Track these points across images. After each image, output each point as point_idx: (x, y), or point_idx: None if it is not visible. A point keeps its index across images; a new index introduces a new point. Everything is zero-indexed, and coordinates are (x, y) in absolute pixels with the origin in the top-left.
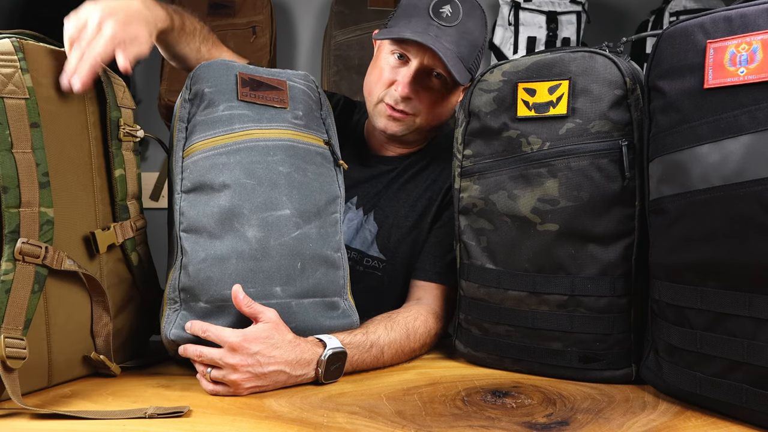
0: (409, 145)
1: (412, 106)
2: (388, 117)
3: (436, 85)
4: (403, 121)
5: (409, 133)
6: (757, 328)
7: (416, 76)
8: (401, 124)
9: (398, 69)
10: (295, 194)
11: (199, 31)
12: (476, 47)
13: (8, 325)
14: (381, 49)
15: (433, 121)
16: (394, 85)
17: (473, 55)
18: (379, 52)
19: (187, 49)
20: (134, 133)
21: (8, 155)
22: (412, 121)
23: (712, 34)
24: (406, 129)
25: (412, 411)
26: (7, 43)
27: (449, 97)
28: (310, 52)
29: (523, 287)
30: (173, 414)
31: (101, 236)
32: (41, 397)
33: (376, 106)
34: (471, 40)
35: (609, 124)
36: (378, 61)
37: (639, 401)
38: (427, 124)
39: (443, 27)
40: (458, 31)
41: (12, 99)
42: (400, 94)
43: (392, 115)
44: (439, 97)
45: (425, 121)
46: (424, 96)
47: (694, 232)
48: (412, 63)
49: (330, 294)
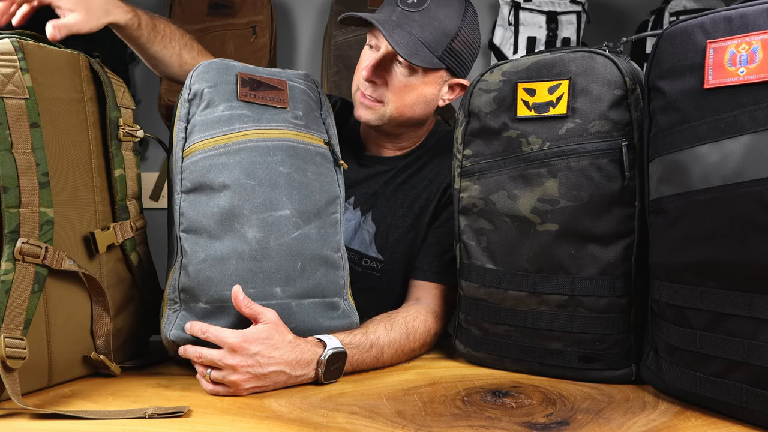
0: (397, 141)
1: (379, 92)
2: (360, 104)
3: (400, 72)
4: (373, 109)
5: (385, 124)
6: (757, 328)
7: (381, 61)
8: (372, 112)
9: (370, 58)
10: (295, 194)
11: (178, 36)
12: (446, 35)
13: (8, 325)
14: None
15: (405, 112)
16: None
17: (443, 42)
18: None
19: (164, 53)
20: (134, 133)
21: (8, 155)
22: (383, 109)
23: (712, 34)
24: (379, 118)
25: (412, 411)
26: (7, 43)
27: (419, 86)
28: (310, 52)
29: (523, 287)
30: (173, 414)
31: (101, 236)
32: (41, 398)
33: (354, 95)
34: (439, 27)
35: (609, 124)
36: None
37: (639, 401)
38: (398, 114)
39: (407, 12)
40: (424, 17)
41: (12, 99)
42: (363, 78)
43: (363, 101)
44: (408, 85)
45: (395, 111)
46: (392, 83)
47: (694, 232)
48: (381, 50)
49: (330, 294)
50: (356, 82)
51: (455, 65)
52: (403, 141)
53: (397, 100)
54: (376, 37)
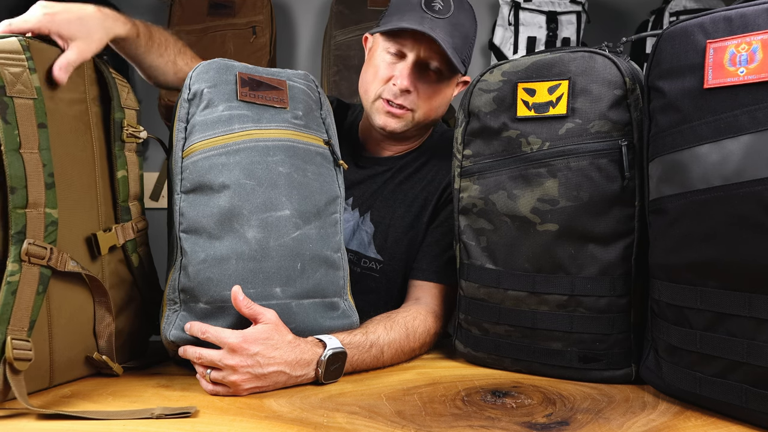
0: (405, 142)
1: (410, 100)
2: (387, 113)
3: (433, 78)
4: (402, 117)
5: (408, 130)
6: (757, 328)
7: (414, 69)
8: (400, 120)
9: (395, 65)
10: (294, 195)
11: (172, 43)
12: (468, 39)
13: (14, 326)
14: (375, 48)
15: (431, 116)
16: (392, 80)
17: (466, 46)
18: (373, 51)
19: (159, 60)
20: (137, 134)
21: (16, 155)
22: (411, 116)
23: (712, 34)
24: (405, 125)
25: (412, 411)
26: (14, 42)
27: (445, 90)
28: (310, 52)
29: (522, 287)
30: (180, 415)
31: (103, 238)
32: (42, 398)
33: (374, 104)
34: (463, 32)
35: (609, 124)
36: (372, 59)
37: (639, 401)
38: (425, 118)
39: (436, 19)
40: (450, 23)
41: (21, 99)
42: (399, 87)
43: (390, 111)
44: (437, 90)
45: (423, 116)
46: (422, 89)
47: (694, 232)
48: (409, 57)
49: (330, 294)
50: (376, 91)
51: (468, 64)
52: (411, 142)
53: (425, 106)
54: (401, 45)
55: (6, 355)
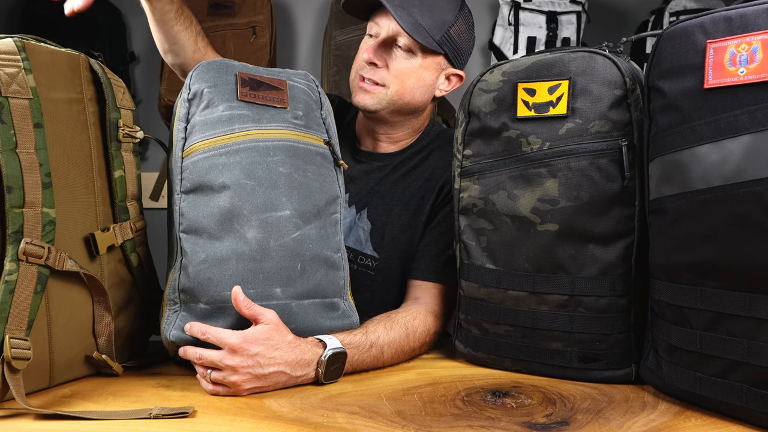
0: (395, 130)
1: (380, 75)
2: (359, 89)
3: (402, 55)
4: (373, 93)
5: (383, 109)
6: (757, 328)
7: (382, 44)
8: (372, 96)
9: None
10: (295, 195)
11: (195, 23)
12: (445, 22)
13: (12, 325)
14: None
15: (405, 96)
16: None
17: (442, 28)
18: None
19: (183, 35)
20: (134, 134)
21: (13, 155)
22: (384, 92)
23: (712, 34)
24: (378, 102)
25: (412, 411)
26: (10, 43)
27: (420, 72)
28: (310, 52)
29: (523, 287)
30: (178, 415)
31: (101, 237)
32: (42, 398)
33: (352, 84)
34: (438, 14)
35: (609, 124)
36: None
37: (639, 401)
38: (399, 97)
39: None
40: (423, 3)
41: (16, 99)
42: (365, 60)
43: (362, 86)
44: (410, 69)
45: (396, 94)
46: (392, 66)
47: (694, 232)
48: (381, 33)
49: (330, 295)
50: (355, 68)
51: (452, 53)
52: (398, 131)
53: (397, 83)
54: (377, 24)
55: (4, 354)
